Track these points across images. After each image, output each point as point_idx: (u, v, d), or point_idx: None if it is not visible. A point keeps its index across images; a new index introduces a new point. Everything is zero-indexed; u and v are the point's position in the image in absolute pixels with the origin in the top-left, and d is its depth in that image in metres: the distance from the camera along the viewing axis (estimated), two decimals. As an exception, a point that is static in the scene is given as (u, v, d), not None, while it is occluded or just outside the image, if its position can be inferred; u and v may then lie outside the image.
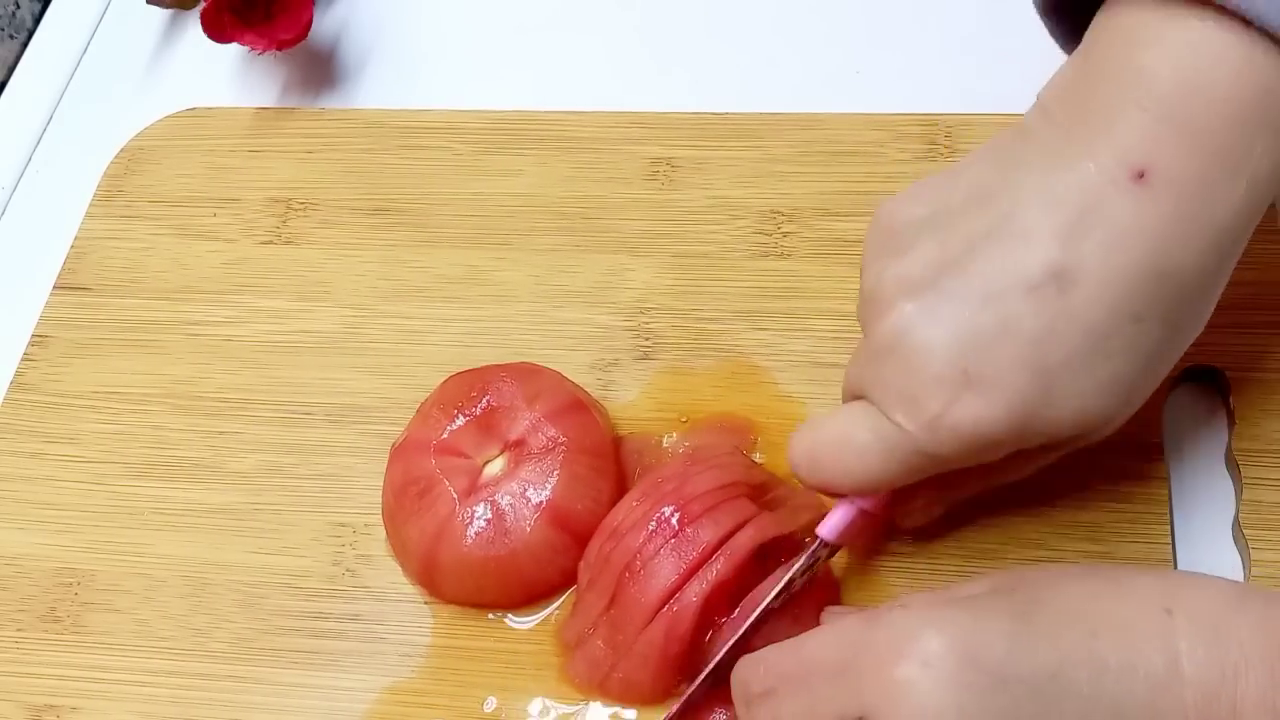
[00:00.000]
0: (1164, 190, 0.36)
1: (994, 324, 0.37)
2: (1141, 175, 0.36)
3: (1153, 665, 0.34)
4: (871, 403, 0.39)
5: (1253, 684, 0.34)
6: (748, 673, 0.40)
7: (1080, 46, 0.39)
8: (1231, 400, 0.46)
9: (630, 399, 0.50)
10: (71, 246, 0.58)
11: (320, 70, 0.64)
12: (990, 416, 0.37)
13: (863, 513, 0.42)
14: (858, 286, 0.51)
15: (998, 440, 0.38)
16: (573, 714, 0.44)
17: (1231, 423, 0.46)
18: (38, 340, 0.56)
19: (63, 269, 0.58)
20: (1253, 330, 0.48)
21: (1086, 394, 0.37)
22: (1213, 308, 0.39)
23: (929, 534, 0.46)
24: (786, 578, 0.42)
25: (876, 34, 0.60)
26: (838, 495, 0.42)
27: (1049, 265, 0.36)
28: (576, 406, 0.48)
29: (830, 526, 0.42)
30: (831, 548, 0.43)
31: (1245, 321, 0.48)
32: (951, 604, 0.37)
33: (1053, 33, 0.43)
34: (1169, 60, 0.36)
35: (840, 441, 0.40)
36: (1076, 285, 0.36)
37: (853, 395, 0.41)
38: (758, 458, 0.48)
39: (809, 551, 0.43)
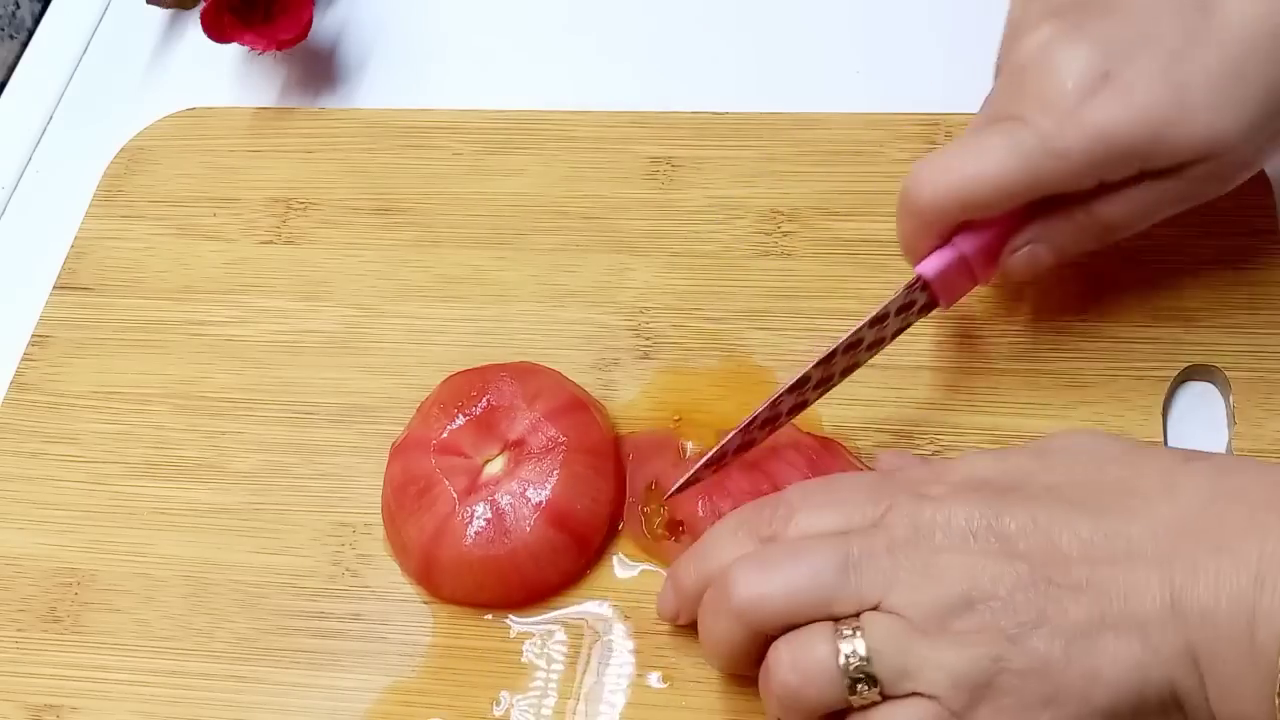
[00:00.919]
0: None
1: (1137, 36, 0.39)
2: None
3: (1148, 487, 0.36)
4: (1005, 119, 0.41)
5: (1244, 507, 0.34)
6: (769, 497, 0.41)
7: None
8: (1231, 400, 0.46)
9: (630, 399, 0.50)
10: (71, 246, 0.58)
11: (320, 70, 0.64)
12: (1124, 116, 0.39)
13: (963, 259, 0.42)
14: (858, 286, 0.51)
15: (1128, 143, 0.39)
16: (573, 714, 0.44)
17: (1232, 423, 0.46)
18: (38, 340, 0.56)
19: (63, 269, 0.58)
20: (1253, 330, 0.48)
21: (1217, 111, 0.39)
22: None
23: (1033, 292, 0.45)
24: (880, 308, 0.43)
25: (876, 34, 0.60)
26: (946, 231, 0.43)
27: None
28: (576, 406, 0.48)
29: (930, 264, 0.42)
30: (928, 296, 0.43)
31: (1245, 321, 0.48)
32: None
33: None
34: None
35: (968, 151, 0.41)
36: (1219, 8, 0.39)
37: (985, 124, 0.42)
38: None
39: (905, 288, 0.43)
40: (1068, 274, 0.49)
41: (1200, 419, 0.47)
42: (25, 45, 0.69)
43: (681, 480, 0.44)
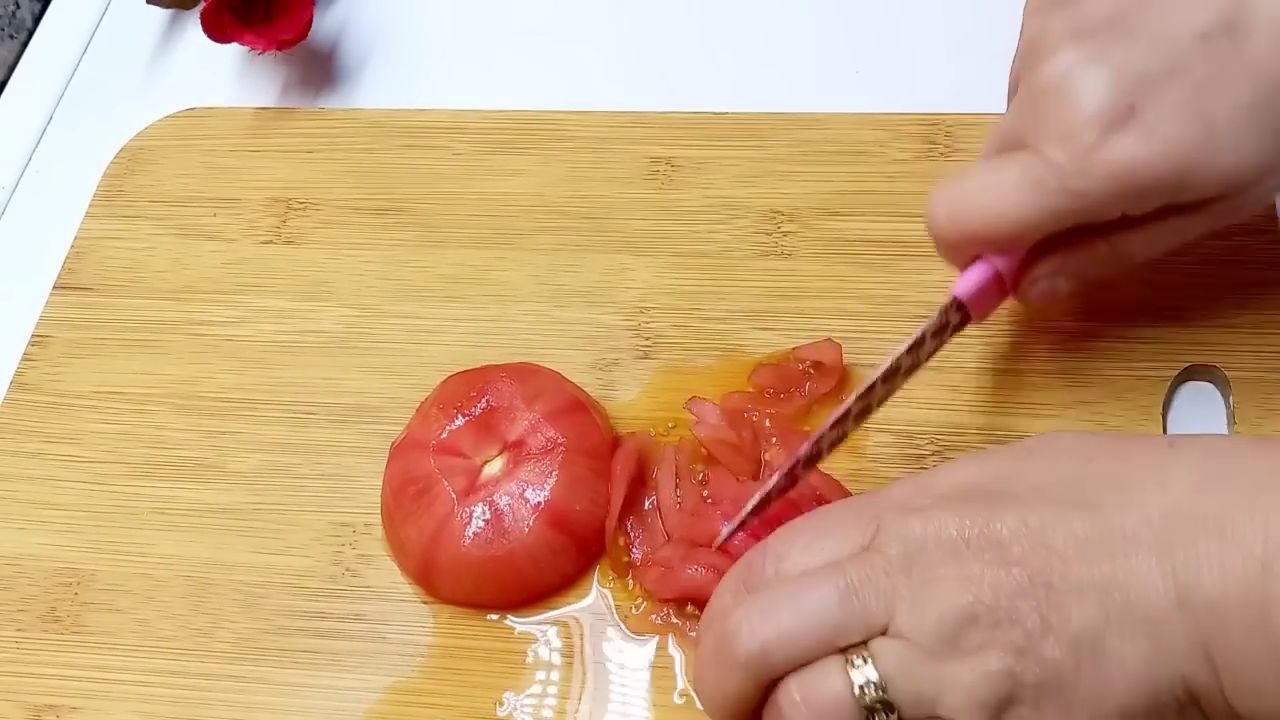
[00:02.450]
0: None
1: (1162, 67, 0.37)
2: None
3: (1138, 477, 0.35)
4: (1023, 147, 0.39)
5: (1242, 488, 0.33)
6: (757, 547, 0.39)
7: None
8: (1231, 400, 0.46)
9: (630, 399, 0.50)
10: (71, 246, 0.58)
11: (320, 70, 0.64)
12: (1147, 155, 0.37)
13: (996, 275, 0.41)
14: (859, 286, 0.51)
15: (1149, 183, 0.38)
16: (574, 713, 0.44)
17: (1231, 423, 0.46)
18: (38, 340, 0.56)
19: (63, 269, 0.58)
20: (1253, 330, 0.48)
21: (1245, 146, 0.37)
22: None
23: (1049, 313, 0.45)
24: (918, 334, 0.42)
25: (876, 34, 0.60)
26: (972, 256, 0.42)
27: (1223, 16, 0.37)
28: (576, 407, 0.48)
29: (965, 284, 0.42)
30: (961, 314, 0.43)
31: (1245, 321, 0.48)
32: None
33: None
34: None
35: (986, 185, 0.40)
36: (1249, 37, 0.37)
37: (1001, 149, 0.41)
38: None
39: (940, 310, 0.42)
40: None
41: (1200, 419, 0.47)
42: (25, 45, 0.69)
43: (731, 527, 0.43)
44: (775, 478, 0.43)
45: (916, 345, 0.42)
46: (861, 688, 0.34)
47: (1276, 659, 0.32)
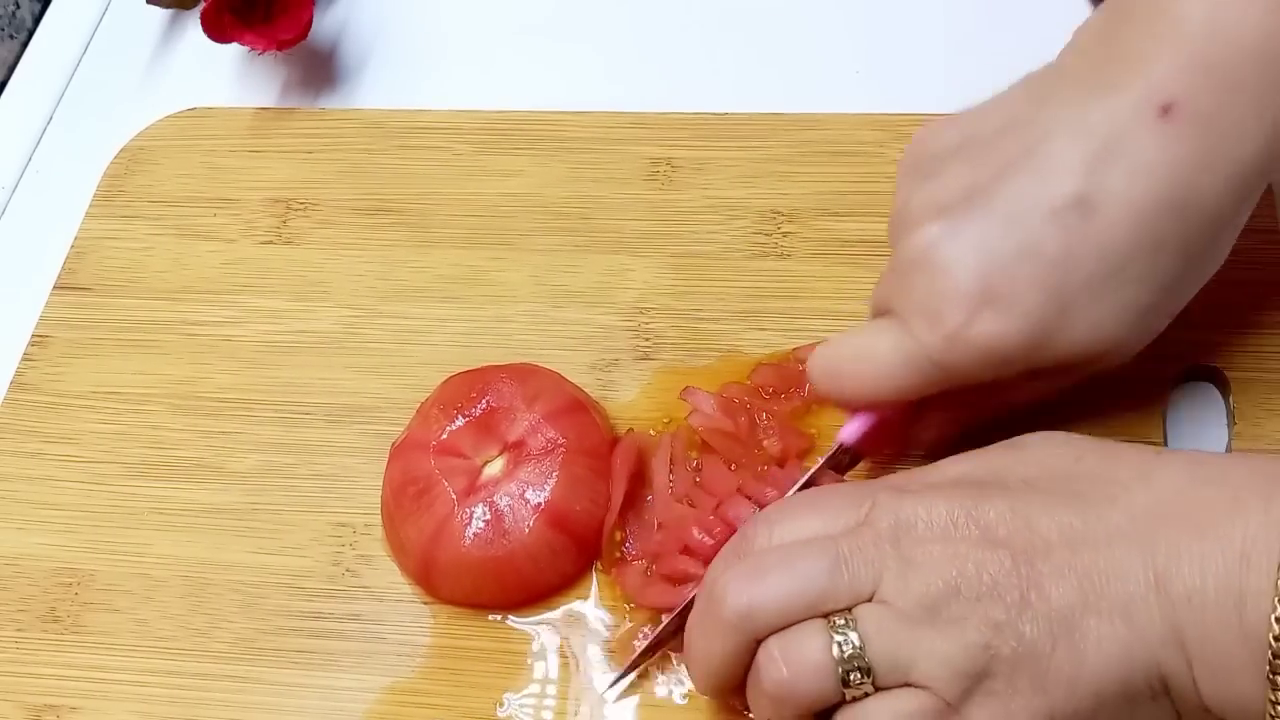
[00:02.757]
0: (1189, 125, 0.37)
1: (1016, 245, 0.38)
2: (1168, 110, 0.37)
3: (1124, 475, 0.36)
4: (894, 317, 0.41)
5: (1225, 490, 0.34)
6: (750, 520, 0.41)
7: None
8: (1231, 400, 0.46)
9: (630, 399, 0.50)
10: (71, 246, 0.58)
11: (320, 70, 0.64)
12: (1007, 333, 0.39)
13: (882, 421, 0.43)
14: (858, 286, 0.51)
15: (1012, 357, 0.39)
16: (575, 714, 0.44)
17: (1231, 423, 0.46)
18: (38, 340, 0.56)
19: (63, 269, 0.58)
20: (1253, 330, 0.48)
21: (1102, 317, 0.39)
22: (1230, 244, 0.41)
23: (942, 452, 0.45)
24: (804, 479, 0.43)
25: (876, 34, 0.60)
26: (853, 410, 0.43)
27: (1073, 192, 0.38)
28: (576, 407, 0.48)
29: (850, 431, 0.43)
30: (852, 455, 0.44)
31: (1245, 321, 0.48)
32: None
33: None
34: (1201, 3, 0.37)
35: (860, 354, 0.42)
36: (1098, 212, 0.38)
37: (877, 313, 0.42)
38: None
39: (829, 454, 0.43)
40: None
41: (1200, 419, 0.47)
42: (25, 45, 0.69)
43: (623, 669, 0.44)
44: (665, 621, 0.43)
45: (808, 485, 0.44)
46: (840, 647, 0.35)
47: (1248, 651, 0.32)
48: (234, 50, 0.63)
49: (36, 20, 0.70)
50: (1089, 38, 0.41)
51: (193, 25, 0.66)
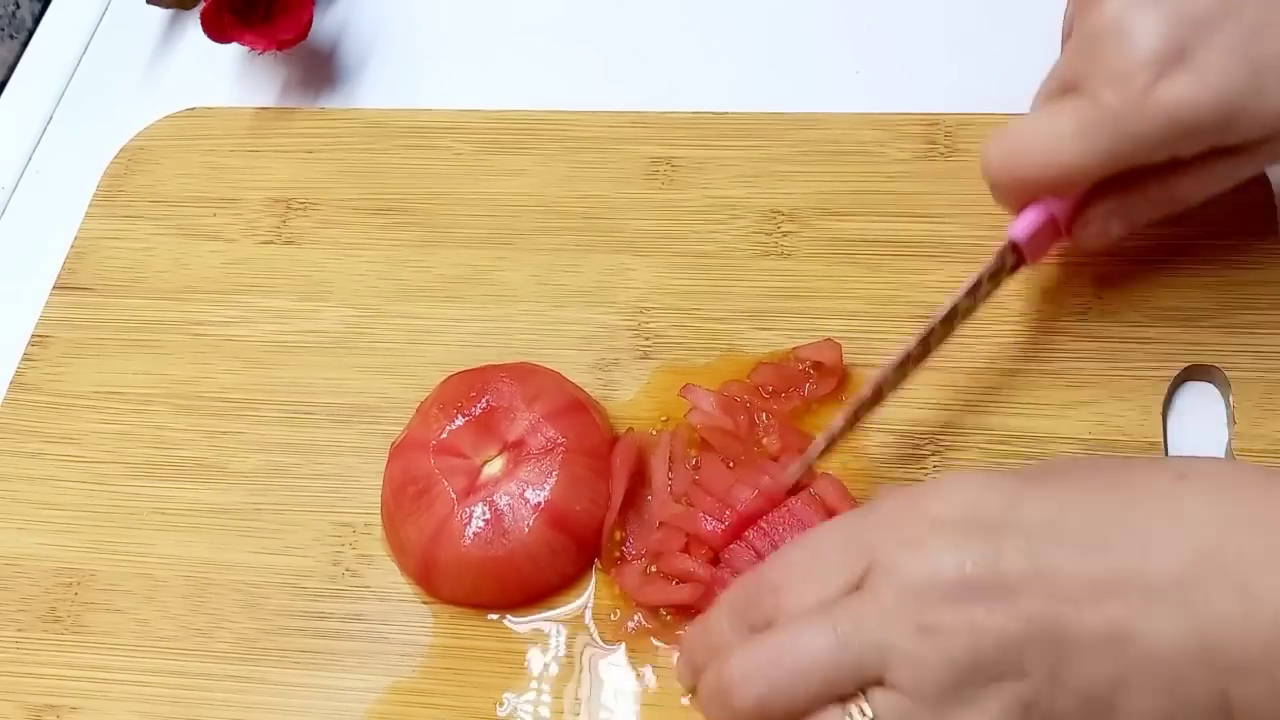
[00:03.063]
0: None
1: (1213, 9, 0.38)
2: None
3: (1152, 517, 0.34)
4: (1077, 93, 0.40)
5: (1260, 537, 0.33)
6: (755, 575, 0.39)
7: None
8: (1231, 400, 0.46)
9: (630, 399, 0.50)
10: (71, 246, 0.58)
11: (320, 70, 0.64)
12: (1198, 96, 0.38)
13: (1051, 218, 0.42)
14: (858, 286, 0.51)
15: (1201, 124, 0.38)
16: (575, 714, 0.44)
17: (1231, 423, 0.46)
18: (38, 340, 0.56)
19: (63, 269, 0.58)
20: (1253, 330, 0.48)
21: None
22: None
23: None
24: (974, 278, 0.43)
25: (876, 34, 0.60)
26: (1026, 200, 0.42)
27: None
28: (576, 407, 0.48)
29: (1021, 227, 0.42)
30: (1017, 256, 0.43)
31: (1245, 321, 0.48)
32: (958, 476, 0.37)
33: None
34: None
35: (1041, 130, 0.41)
36: None
37: (1057, 93, 0.41)
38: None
39: (996, 253, 0.43)
40: (1069, 274, 0.50)
41: (1200, 419, 0.47)
42: (25, 45, 0.69)
43: (797, 467, 0.44)
44: (840, 419, 0.44)
45: (974, 288, 0.43)
46: None
47: None
48: (234, 50, 0.63)
49: (36, 20, 0.70)
50: None
51: (193, 25, 0.66)
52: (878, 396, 0.44)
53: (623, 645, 0.45)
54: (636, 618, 0.45)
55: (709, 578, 0.44)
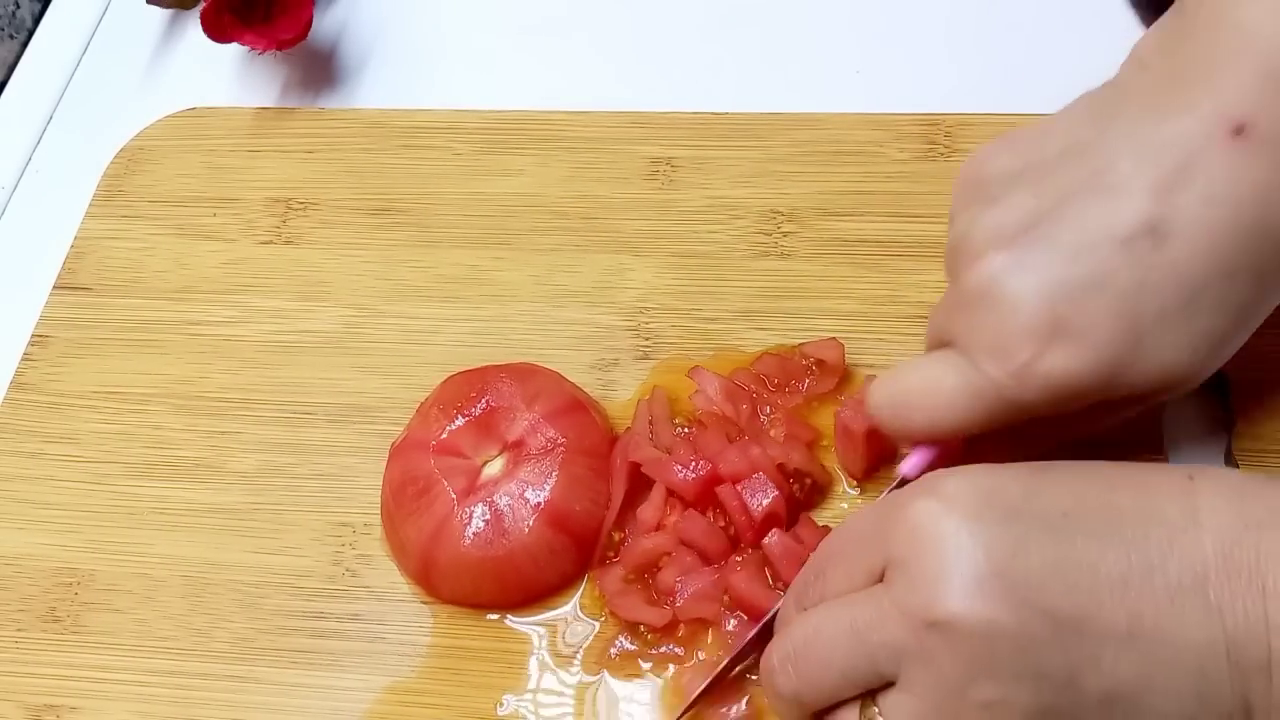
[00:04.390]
0: (1262, 147, 0.36)
1: (1087, 275, 0.37)
2: (1240, 131, 0.36)
3: (1169, 513, 0.34)
4: (958, 351, 0.39)
5: (1278, 537, 0.32)
6: (813, 555, 0.40)
7: (1176, 3, 0.39)
8: (1231, 400, 0.46)
9: (630, 398, 0.50)
10: (71, 246, 0.58)
11: (320, 70, 0.64)
12: (1079, 367, 0.37)
13: (942, 453, 0.42)
14: (858, 286, 0.51)
15: (1085, 391, 0.37)
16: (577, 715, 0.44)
17: (1231, 422, 0.46)
18: (38, 340, 0.56)
19: (63, 269, 0.58)
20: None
21: (1177, 347, 0.37)
22: None
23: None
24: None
25: (876, 34, 0.60)
26: (916, 443, 0.42)
27: (1144, 218, 0.36)
28: (576, 407, 0.48)
29: (911, 464, 0.42)
30: None
31: (1245, 321, 0.48)
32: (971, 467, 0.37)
33: None
34: (1271, 14, 0.36)
35: (925, 388, 0.40)
36: (1171, 239, 0.36)
37: (938, 343, 0.41)
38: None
39: (889, 490, 0.43)
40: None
41: (1200, 419, 0.47)
42: (25, 45, 0.69)
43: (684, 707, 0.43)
44: (725, 660, 0.43)
45: None
46: None
47: None
48: (234, 50, 0.63)
49: (36, 20, 0.70)
50: (1152, 51, 0.39)
51: (193, 25, 0.66)
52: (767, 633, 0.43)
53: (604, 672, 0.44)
54: (619, 641, 0.45)
55: (679, 609, 0.44)
